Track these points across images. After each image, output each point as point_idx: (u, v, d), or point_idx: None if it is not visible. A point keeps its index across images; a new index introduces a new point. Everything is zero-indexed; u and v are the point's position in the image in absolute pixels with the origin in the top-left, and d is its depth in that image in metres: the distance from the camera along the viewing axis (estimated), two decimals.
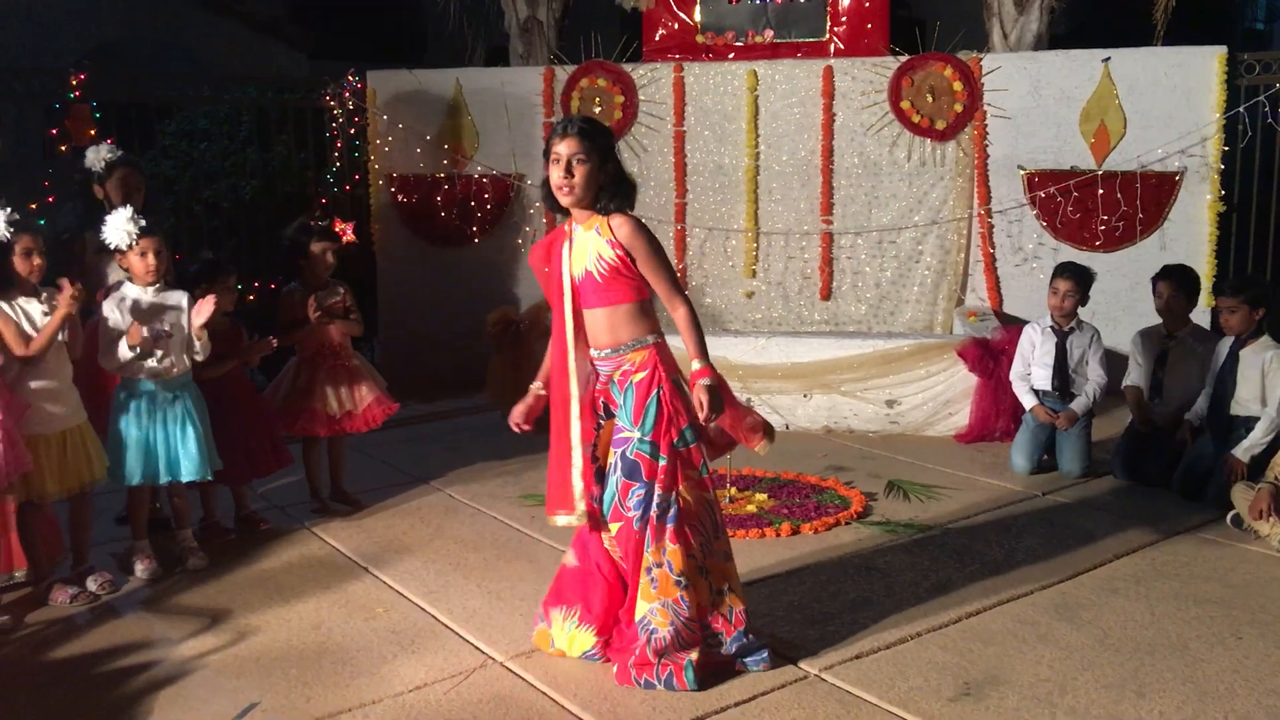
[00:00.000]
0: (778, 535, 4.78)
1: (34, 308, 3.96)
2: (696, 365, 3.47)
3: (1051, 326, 5.81)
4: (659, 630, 3.40)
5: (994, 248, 7.58)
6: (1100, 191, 7.32)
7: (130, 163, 4.96)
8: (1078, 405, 5.69)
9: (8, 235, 3.87)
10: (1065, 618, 3.89)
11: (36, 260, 3.97)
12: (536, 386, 3.70)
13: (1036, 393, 5.82)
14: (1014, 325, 6.59)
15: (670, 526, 3.43)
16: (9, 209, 3.92)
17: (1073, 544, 4.65)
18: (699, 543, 3.49)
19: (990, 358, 6.33)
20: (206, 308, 4.33)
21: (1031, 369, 5.85)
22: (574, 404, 3.50)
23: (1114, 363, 5.99)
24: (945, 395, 6.54)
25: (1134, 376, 5.77)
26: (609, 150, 3.49)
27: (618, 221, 3.47)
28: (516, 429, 3.70)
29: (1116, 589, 4.16)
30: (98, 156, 4.85)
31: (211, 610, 4.05)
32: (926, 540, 4.73)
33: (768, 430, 3.68)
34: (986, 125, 7.52)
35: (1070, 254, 7.27)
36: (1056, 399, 5.77)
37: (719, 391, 3.46)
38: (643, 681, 3.39)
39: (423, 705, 3.31)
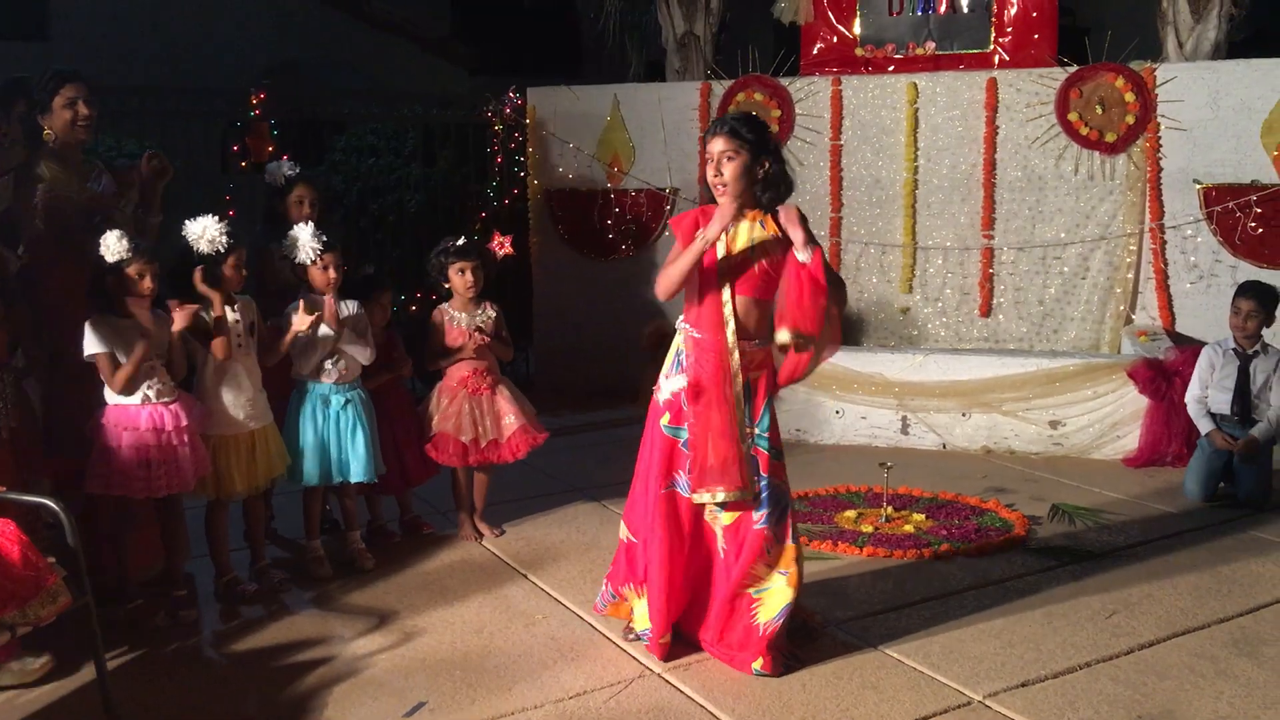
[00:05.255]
0: (936, 557, 4.69)
1: (228, 314, 4.19)
2: None
3: (1234, 349, 5.54)
4: (787, 620, 3.60)
5: (1167, 264, 7.27)
6: None
7: (306, 179, 5.16)
8: (1258, 431, 5.41)
9: (224, 246, 4.10)
10: (1245, 653, 3.71)
11: (242, 272, 4.22)
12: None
13: (1214, 417, 5.57)
14: (1187, 346, 6.32)
15: (795, 520, 3.69)
16: (225, 221, 4.16)
17: (1252, 576, 4.44)
18: None
19: (1163, 379, 6.08)
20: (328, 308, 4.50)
21: (1210, 392, 5.59)
22: (735, 381, 3.57)
23: None
24: (1113, 417, 6.31)
25: None
26: (762, 144, 3.56)
27: (786, 212, 3.58)
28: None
29: None
30: (278, 173, 5.08)
31: (379, 611, 4.19)
32: (1094, 567, 4.57)
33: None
34: (1160, 138, 7.23)
35: (1250, 272, 6.92)
36: (1235, 424, 5.50)
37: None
38: (783, 666, 3.59)
39: (583, 712, 3.36)
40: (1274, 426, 5.45)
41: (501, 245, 5.29)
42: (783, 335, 3.48)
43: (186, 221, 4.11)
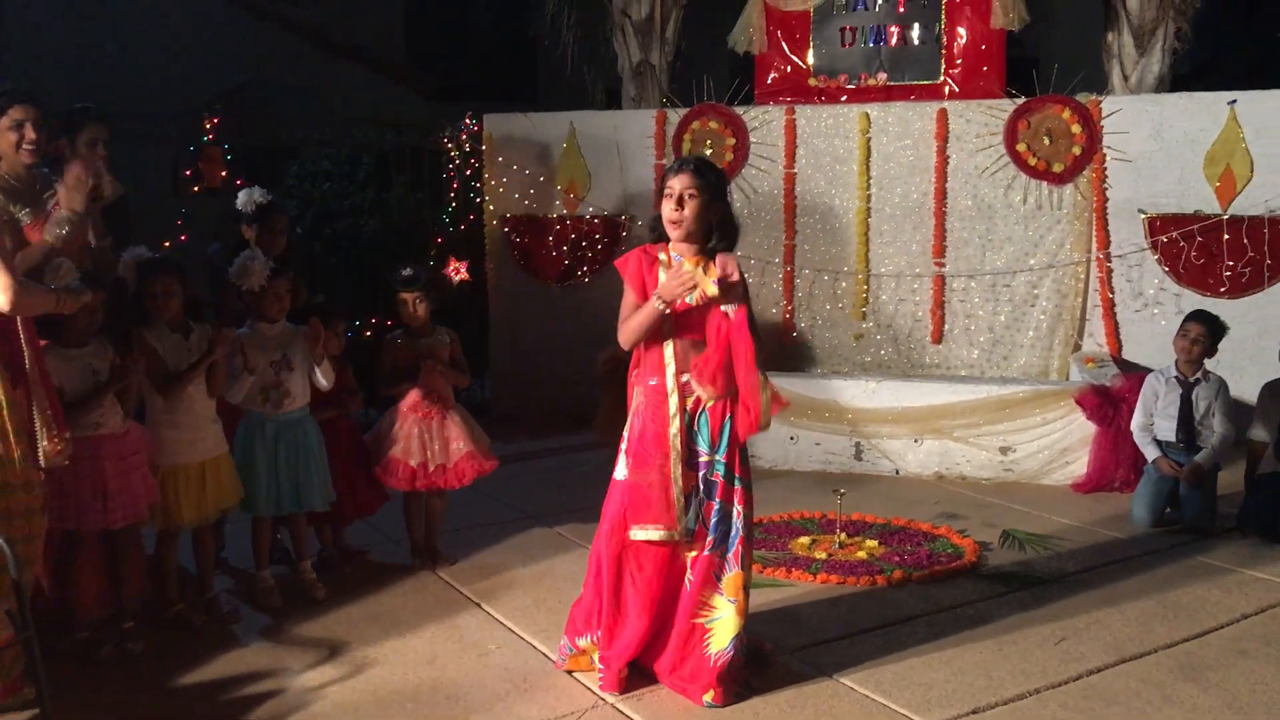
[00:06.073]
0: (889, 583, 4.72)
1: (176, 342, 4.15)
2: None
3: (1177, 377, 5.65)
4: (739, 649, 3.61)
5: (1113, 293, 7.41)
6: (1226, 236, 7.12)
7: (277, 208, 5.16)
8: (1203, 458, 5.51)
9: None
10: (1191, 679, 3.76)
11: (175, 299, 4.16)
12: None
13: (1160, 444, 5.66)
14: (1134, 373, 6.43)
15: (749, 548, 3.70)
16: (142, 248, 4.12)
17: (1197, 601, 4.50)
18: None
19: (1110, 406, 6.18)
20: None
21: (1155, 420, 5.69)
22: (674, 422, 3.60)
23: (1240, 413, 5.80)
24: (1062, 443, 6.39)
25: (1260, 431, 5.59)
26: (720, 190, 3.65)
27: (724, 260, 3.62)
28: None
29: (1245, 650, 4.01)
30: (249, 199, 5.05)
31: (330, 642, 4.14)
32: (1043, 593, 4.62)
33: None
34: (1106, 168, 7.38)
35: (1193, 300, 7.08)
36: (1181, 451, 5.59)
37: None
38: (735, 696, 3.60)
39: None
40: (1218, 453, 5.55)
41: (457, 271, 5.29)
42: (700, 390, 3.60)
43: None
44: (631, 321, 3.62)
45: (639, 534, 3.61)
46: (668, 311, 3.56)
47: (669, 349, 3.62)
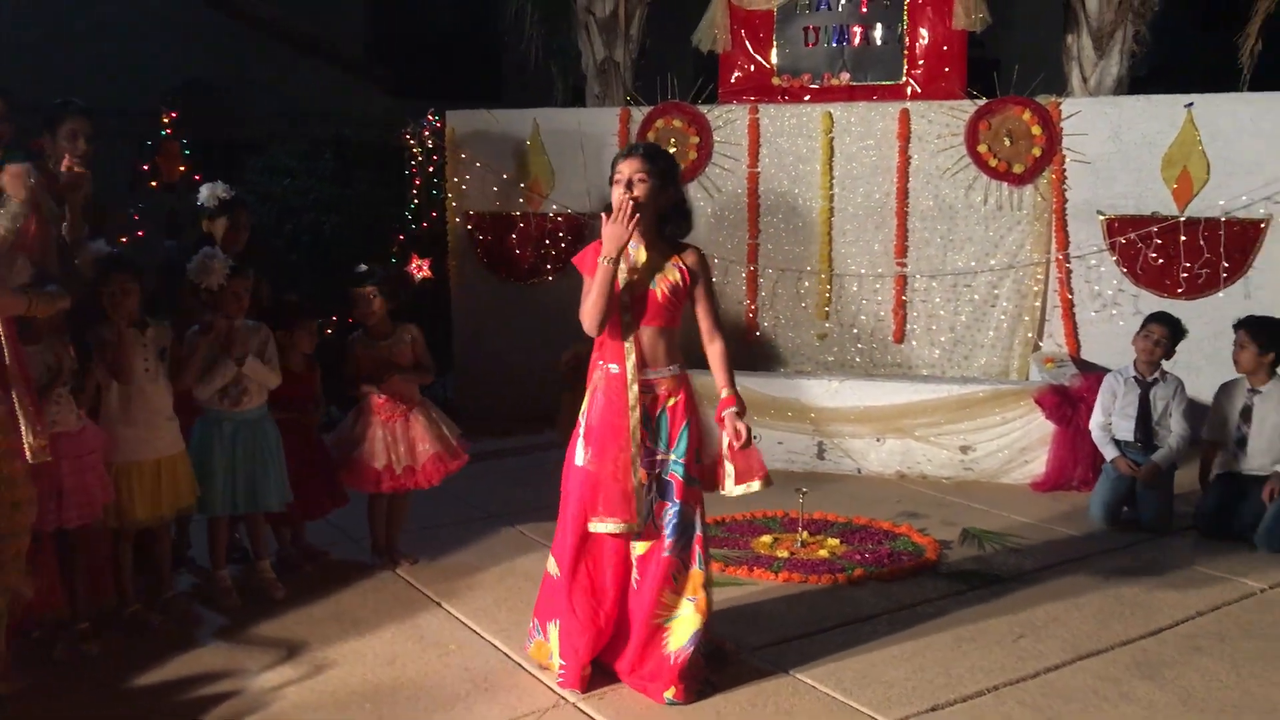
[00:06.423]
0: (850, 582, 4.74)
1: (133, 339, 4.10)
2: (725, 393, 3.66)
3: (1135, 377, 5.71)
4: (699, 647, 3.60)
5: (1072, 293, 7.47)
6: (1182, 238, 7.20)
7: (241, 203, 5.10)
8: (1160, 458, 5.57)
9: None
10: (1147, 676, 3.81)
11: (133, 297, 4.11)
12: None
13: (1118, 443, 5.72)
14: (1093, 372, 6.49)
15: (707, 548, 3.70)
16: (100, 242, 4.06)
17: (1153, 599, 4.55)
18: None
19: (1069, 405, 6.23)
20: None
21: (1113, 420, 5.75)
22: (633, 415, 3.59)
23: (1197, 413, 5.87)
24: (1021, 442, 6.45)
25: (1213, 432, 5.67)
26: (670, 175, 3.64)
27: (685, 248, 3.68)
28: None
29: (1200, 647, 4.06)
30: (211, 194, 4.98)
31: (289, 642, 4.11)
32: (1002, 591, 4.66)
33: (765, 477, 3.70)
34: (1065, 170, 7.44)
35: (1151, 301, 7.16)
36: (1138, 450, 5.66)
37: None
38: (696, 694, 3.59)
39: None
40: (1175, 453, 5.62)
41: (419, 269, 5.25)
42: (753, 487, 3.65)
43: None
44: (588, 297, 3.54)
45: (598, 526, 3.60)
46: (619, 275, 3.52)
47: (629, 338, 3.60)
